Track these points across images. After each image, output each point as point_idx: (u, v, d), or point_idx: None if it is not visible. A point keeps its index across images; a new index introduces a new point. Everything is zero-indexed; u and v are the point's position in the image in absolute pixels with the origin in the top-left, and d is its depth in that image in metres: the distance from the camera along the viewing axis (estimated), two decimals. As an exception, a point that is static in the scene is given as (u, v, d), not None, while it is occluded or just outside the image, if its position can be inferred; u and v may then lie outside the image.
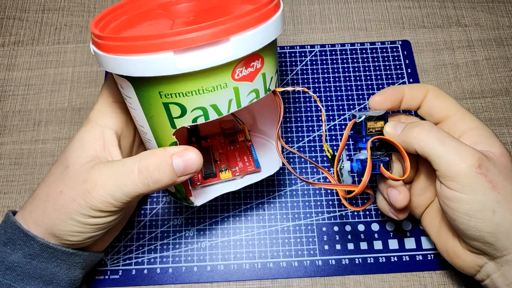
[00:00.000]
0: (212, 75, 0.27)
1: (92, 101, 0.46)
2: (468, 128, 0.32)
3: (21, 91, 0.47)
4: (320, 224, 0.41)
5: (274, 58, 0.31)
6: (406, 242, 0.40)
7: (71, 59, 0.49)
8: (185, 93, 0.27)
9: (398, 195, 0.33)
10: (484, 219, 0.29)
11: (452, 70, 0.48)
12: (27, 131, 0.45)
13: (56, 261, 0.31)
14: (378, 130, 0.34)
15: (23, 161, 0.44)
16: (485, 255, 0.31)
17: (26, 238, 0.30)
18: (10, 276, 0.30)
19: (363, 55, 0.48)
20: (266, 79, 0.30)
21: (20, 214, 0.32)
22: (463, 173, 0.29)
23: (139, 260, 0.39)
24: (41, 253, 0.31)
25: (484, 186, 0.28)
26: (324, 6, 0.51)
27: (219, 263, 0.39)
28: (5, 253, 0.31)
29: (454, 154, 0.29)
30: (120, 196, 0.29)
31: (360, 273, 0.39)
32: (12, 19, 0.51)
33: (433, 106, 0.34)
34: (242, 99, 0.29)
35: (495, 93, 0.47)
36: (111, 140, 0.32)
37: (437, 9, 0.51)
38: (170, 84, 0.27)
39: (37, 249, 0.31)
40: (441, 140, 0.30)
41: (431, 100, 0.35)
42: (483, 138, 0.32)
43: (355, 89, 0.47)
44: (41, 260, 0.31)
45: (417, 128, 0.31)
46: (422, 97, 0.35)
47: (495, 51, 0.49)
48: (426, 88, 0.35)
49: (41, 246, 0.30)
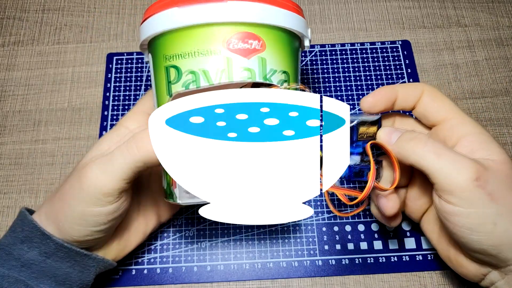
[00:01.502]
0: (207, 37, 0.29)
1: (92, 101, 0.46)
2: (466, 133, 0.31)
3: (21, 91, 0.47)
4: (320, 224, 0.41)
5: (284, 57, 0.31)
6: (406, 242, 0.40)
7: (71, 59, 0.49)
8: (183, 55, 0.30)
9: (387, 202, 0.32)
10: (486, 232, 0.28)
11: (452, 70, 0.48)
12: (27, 131, 0.45)
13: (70, 261, 0.32)
14: (370, 136, 0.33)
15: (23, 161, 0.44)
16: (488, 265, 0.30)
17: (42, 237, 0.31)
18: (25, 273, 0.31)
19: (363, 55, 0.48)
20: (266, 66, 0.30)
21: (37, 213, 0.33)
22: (461, 186, 0.28)
23: (139, 260, 0.39)
24: (56, 252, 0.31)
25: (483, 199, 0.27)
26: (324, 6, 0.52)
27: (219, 263, 0.39)
28: (22, 250, 0.31)
29: (451, 168, 0.28)
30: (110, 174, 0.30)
31: (360, 273, 0.39)
32: (12, 19, 0.51)
33: (429, 108, 0.32)
34: (235, 73, 0.30)
35: (495, 93, 0.47)
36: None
37: (437, 9, 0.51)
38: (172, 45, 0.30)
39: (53, 247, 0.31)
40: (437, 153, 0.29)
41: (426, 101, 0.32)
42: (483, 144, 0.30)
43: (355, 89, 0.47)
44: (56, 259, 0.31)
45: (413, 142, 0.30)
46: (416, 98, 0.33)
47: (495, 51, 0.49)
48: (421, 88, 0.33)
49: (57, 245, 0.31)
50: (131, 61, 0.48)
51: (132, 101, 0.46)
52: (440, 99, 0.32)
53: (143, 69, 0.48)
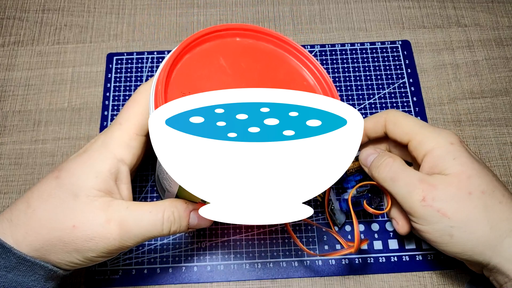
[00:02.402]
0: None
1: (92, 101, 0.46)
2: (427, 151, 0.32)
3: (21, 91, 0.47)
4: (320, 224, 0.41)
5: None
6: (406, 242, 0.40)
7: (71, 59, 0.49)
8: None
9: (396, 225, 0.35)
10: (447, 244, 0.31)
11: (452, 70, 0.48)
12: (27, 131, 0.45)
13: (33, 275, 0.29)
14: (357, 168, 0.38)
15: (23, 161, 0.44)
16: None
17: (2, 250, 0.28)
18: None
19: (363, 55, 0.48)
20: None
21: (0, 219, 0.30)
22: (414, 208, 0.31)
23: (139, 260, 0.39)
24: (18, 266, 0.29)
25: (434, 216, 0.30)
26: (324, 6, 0.52)
27: (219, 263, 0.39)
28: None
29: (404, 191, 0.31)
30: (139, 241, 0.30)
31: (360, 273, 0.39)
32: (12, 19, 0.51)
33: (393, 134, 0.35)
34: None
35: (495, 93, 0.47)
36: (125, 177, 0.32)
37: (437, 9, 0.51)
38: None
39: (14, 261, 0.29)
40: (393, 179, 0.32)
41: (390, 129, 0.35)
42: (439, 160, 0.32)
43: (355, 89, 0.47)
44: (18, 274, 0.29)
45: (380, 168, 0.33)
46: (382, 128, 0.35)
47: (495, 51, 0.49)
48: (383, 117, 0.35)
49: (18, 258, 0.29)
50: (131, 61, 0.48)
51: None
52: (400, 124, 0.34)
53: (143, 69, 0.48)
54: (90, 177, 0.30)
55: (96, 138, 0.32)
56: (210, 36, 0.32)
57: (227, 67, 0.32)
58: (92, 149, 0.31)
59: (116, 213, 0.29)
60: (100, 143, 0.31)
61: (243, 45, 0.33)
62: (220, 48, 0.32)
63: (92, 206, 0.29)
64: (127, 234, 0.29)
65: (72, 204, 0.29)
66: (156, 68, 0.48)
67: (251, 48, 0.33)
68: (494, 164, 0.43)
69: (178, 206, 0.31)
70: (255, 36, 0.33)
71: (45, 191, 0.30)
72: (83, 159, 0.31)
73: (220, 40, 0.32)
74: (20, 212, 0.30)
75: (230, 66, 0.32)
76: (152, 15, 0.51)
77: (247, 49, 0.33)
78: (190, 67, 0.31)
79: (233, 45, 0.33)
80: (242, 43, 0.33)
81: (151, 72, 0.48)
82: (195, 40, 0.31)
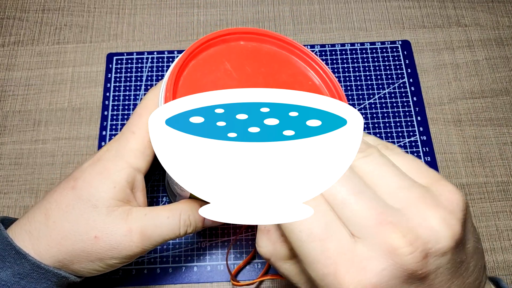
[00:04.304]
0: None
1: (92, 101, 0.46)
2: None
3: (21, 91, 0.47)
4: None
5: None
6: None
7: (71, 59, 0.49)
8: None
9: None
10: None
11: (452, 70, 0.48)
12: (27, 131, 0.45)
13: (46, 282, 0.30)
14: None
15: (23, 161, 0.44)
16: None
17: (17, 256, 0.29)
18: None
19: (363, 55, 0.48)
20: None
21: (17, 230, 0.30)
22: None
23: (139, 260, 0.39)
24: (31, 273, 0.29)
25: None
26: (324, 6, 0.52)
27: (219, 263, 0.39)
28: None
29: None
30: (158, 244, 0.31)
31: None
32: (12, 19, 0.51)
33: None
34: None
35: (495, 93, 0.47)
36: (140, 185, 0.32)
37: (437, 9, 0.51)
38: None
39: (28, 268, 0.29)
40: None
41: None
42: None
43: (355, 89, 0.47)
44: (30, 281, 0.29)
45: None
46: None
47: (495, 51, 0.49)
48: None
49: (32, 266, 0.29)
50: (131, 61, 0.48)
51: (132, 101, 0.46)
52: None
53: (143, 69, 0.48)
54: (108, 188, 0.30)
55: (108, 147, 0.32)
56: (215, 41, 0.32)
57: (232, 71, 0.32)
58: (107, 159, 0.31)
59: (136, 222, 0.30)
60: (114, 152, 0.31)
61: (248, 49, 0.33)
62: (225, 52, 0.32)
63: (112, 216, 0.30)
64: (148, 240, 0.30)
65: (92, 215, 0.30)
66: (156, 68, 0.48)
67: (255, 51, 0.33)
68: (494, 164, 0.43)
69: (193, 209, 0.32)
70: (259, 39, 0.33)
71: (63, 202, 0.30)
72: (99, 169, 0.31)
73: (224, 45, 0.33)
74: (39, 224, 0.30)
75: (236, 70, 0.32)
76: (152, 15, 0.51)
77: (252, 52, 0.33)
78: (196, 73, 0.31)
79: (237, 49, 0.33)
80: (246, 47, 0.33)
81: (151, 72, 0.48)
82: (200, 46, 0.31)
